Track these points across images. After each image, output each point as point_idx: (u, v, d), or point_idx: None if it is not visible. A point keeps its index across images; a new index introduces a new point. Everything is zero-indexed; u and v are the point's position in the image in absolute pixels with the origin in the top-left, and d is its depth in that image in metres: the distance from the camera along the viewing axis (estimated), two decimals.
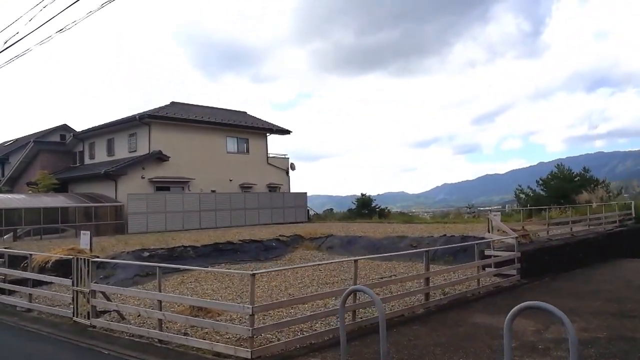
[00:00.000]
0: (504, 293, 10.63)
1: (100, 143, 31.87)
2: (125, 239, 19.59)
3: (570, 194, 29.49)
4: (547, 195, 31.34)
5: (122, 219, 25.63)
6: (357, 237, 17.40)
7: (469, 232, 17.52)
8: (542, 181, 33.62)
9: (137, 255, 13.72)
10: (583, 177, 32.38)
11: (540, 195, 32.37)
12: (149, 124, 28.11)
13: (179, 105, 32.52)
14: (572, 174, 32.99)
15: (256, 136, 33.67)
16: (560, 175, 32.98)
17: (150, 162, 27.90)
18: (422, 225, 24.18)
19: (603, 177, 36.19)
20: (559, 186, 31.19)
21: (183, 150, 29.10)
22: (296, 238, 18.27)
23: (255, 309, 6.18)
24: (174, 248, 14.82)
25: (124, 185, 26.60)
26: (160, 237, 20.12)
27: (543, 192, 32.60)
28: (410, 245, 15.42)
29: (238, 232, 21.78)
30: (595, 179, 33.41)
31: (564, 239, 15.29)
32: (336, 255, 16.19)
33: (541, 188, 33.31)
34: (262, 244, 16.73)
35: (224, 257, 15.11)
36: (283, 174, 34.99)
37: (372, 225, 25.35)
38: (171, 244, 16.47)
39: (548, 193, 31.73)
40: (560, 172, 33.33)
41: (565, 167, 33.95)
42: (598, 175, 34.82)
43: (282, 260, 15.68)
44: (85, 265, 8.80)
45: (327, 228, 22.28)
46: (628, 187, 75.70)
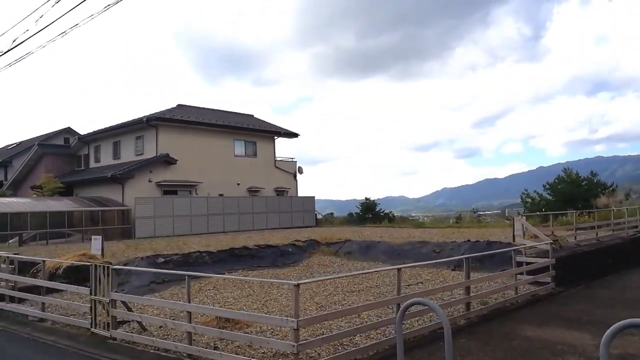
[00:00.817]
0: (543, 302, 10.07)
1: (106, 146, 31.35)
2: (135, 244, 19.04)
3: (578, 198, 29.06)
4: (555, 200, 30.87)
5: (129, 224, 25.09)
6: (376, 242, 16.83)
7: (489, 236, 16.99)
8: (549, 185, 33.13)
9: (151, 262, 13.17)
10: (590, 181, 31.90)
11: (547, 199, 31.87)
12: (156, 126, 27.60)
13: (185, 108, 32.04)
14: (579, 177, 32.49)
15: (264, 139, 33.15)
16: (567, 179, 32.49)
17: (158, 165, 27.38)
18: (435, 230, 23.63)
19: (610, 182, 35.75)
20: (566, 190, 30.70)
21: (190, 153, 28.59)
22: (312, 243, 17.71)
23: (300, 322, 5.63)
24: (189, 254, 14.26)
25: (131, 189, 26.07)
26: (170, 242, 19.58)
27: (550, 196, 32.11)
28: (433, 251, 14.86)
29: (249, 237, 21.23)
30: (602, 182, 32.94)
31: (592, 245, 14.75)
32: (355, 261, 15.63)
33: (548, 192, 32.82)
34: (278, 250, 16.17)
35: (240, 263, 14.54)
36: (290, 178, 34.46)
37: (384, 230, 24.80)
38: (184, 249, 15.92)
39: (555, 197, 31.24)
40: (568, 176, 32.82)
41: (572, 171, 33.45)
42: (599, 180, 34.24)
43: (300, 267, 15.12)
44: (104, 273, 8.26)
45: (340, 233, 21.72)
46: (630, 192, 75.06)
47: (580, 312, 8.94)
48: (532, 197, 33.32)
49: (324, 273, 14.06)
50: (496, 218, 40.93)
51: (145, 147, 28.36)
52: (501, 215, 56.98)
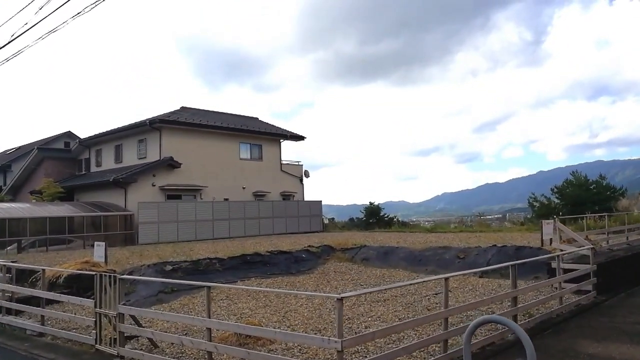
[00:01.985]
0: (590, 313, 9.20)
1: (107, 149, 30.52)
2: (139, 251, 18.17)
3: (587, 201, 28.34)
4: (564, 203, 30.11)
5: (132, 229, 24.21)
6: (394, 248, 15.93)
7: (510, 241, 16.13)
8: (556, 189, 32.34)
9: (159, 269, 12.30)
10: (599, 184, 31.09)
11: (555, 203, 31.07)
12: (160, 129, 26.78)
13: (189, 110, 31.23)
14: (587, 181, 31.68)
15: (269, 142, 32.32)
16: (575, 183, 31.68)
17: (161, 169, 26.53)
18: (450, 234, 22.77)
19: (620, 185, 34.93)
20: (575, 194, 29.90)
21: (195, 156, 27.75)
22: (326, 249, 16.80)
23: (345, 343, 4.78)
24: (198, 261, 13.37)
25: (134, 194, 25.22)
26: (176, 248, 18.71)
27: (558, 200, 31.33)
28: (457, 257, 13.99)
29: (257, 243, 20.37)
30: (612, 186, 32.13)
31: (627, 249, 13.89)
32: (373, 268, 14.73)
33: (556, 196, 32.02)
34: (291, 256, 15.27)
35: (253, 271, 13.65)
36: (297, 182, 33.60)
37: (396, 235, 23.93)
38: (191, 256, 15.03)
39: (564, 201, 30.47)
40: (576, 180, 32.00)
41: (580, 174, 32.64)
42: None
43: (316, 274, 14.23)
44: (110, 283, 7.41)
45: (352, 238, 20.82)
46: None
47: (638, 325, 8.08)
48: (539, 201, 32.50)
49: (342, 281, 13.19)
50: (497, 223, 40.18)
51: (149, 151, 27.53)
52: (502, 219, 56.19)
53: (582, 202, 28.24)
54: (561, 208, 29.36)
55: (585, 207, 27.37)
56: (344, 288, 12.12)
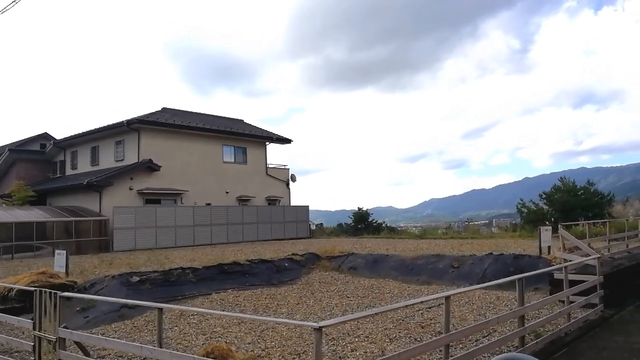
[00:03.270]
0: (601, 330, 8.25)
1: (83, 152, 29.18)
2: (111, 259, 16.97)
3: (576, 207, 27.78)
4: (552, 209, 29.53)
5: (106, 235, 22.90)
6: (384, 256, 14.90)
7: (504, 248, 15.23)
8: (545, 195, 31.76)
9: (124, 281, 11.14)
10: (587, 190, 30.55)
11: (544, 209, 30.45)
12: (138, 130, 25.54)
13: (171, 112, 30.00)
14: (576, 187, 31.13)
15: (255, 145, 31.19)
16: (564, 189, 31.11)
17: (140, 172, 25.28)
18: (441, 241, 21.85)
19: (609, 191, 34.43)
20: (564, 200, 29.34)
21: (176, 159, 26.56)
22: (311, 257, 15.71)
23: None
24: (169, 271, 12.19)
25: (110, 198, 23.93)
26: (151, 256, 17.53)
27: (546, 206, 30.73)
28: (451, 266, 13.00)
29: (239, 250, 19.25)
30: (600, 192, 31.59)
31: (628, 257, 13.02)
32: (362, 278, 13.68)
33: (544, 202, 31.41)
34: (273, 265, 14.15)
35: (230, 282, 12.51)
36: (283, 186, 32.49)
37: (385, 241, 22.95)
38: (165, 265, 13.88)
39: (552, 207, 29.89)
40: (565, 186, 31.42)
41: (569, 180, 32.08)
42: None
43: (299, 285, 13.14)
44: (51, 301, 6.28)
45: (340, 245, 19.81)
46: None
47: None
48: (527, 207, 31.85)
49: (327, 292, 12.13)
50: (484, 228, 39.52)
51: (126, 153, 26.27)
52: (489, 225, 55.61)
53: (571, 208, 27.76)
54: (553, 214, 28.77)
55: (574, 213, 26.84)
56: (329, 301, 11.07)
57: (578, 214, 26.16)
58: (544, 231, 12.86)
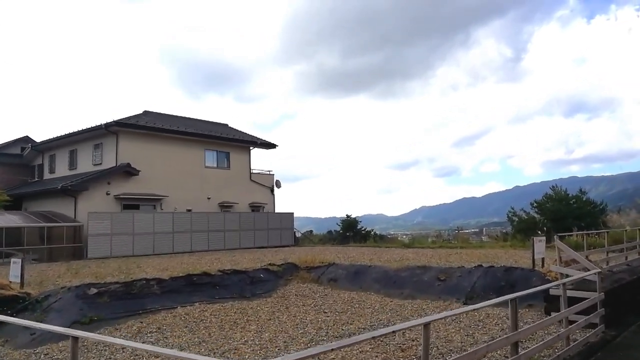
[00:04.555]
0: (603, 355, 7.40)
1: (61, 155, 28.13)
2: (78, 267, 15.95)
3: (568, 216, 27.15)
4: (543, 218, 28.88)
5: (80, 242, 21.86)
6: (366, 267, 14.01)
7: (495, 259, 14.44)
8: (536, 203, 31.12)
9: (80, 293, 10.17)
10: (579, 199, 29.93)
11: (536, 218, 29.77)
12: (117, 133, 24.57)
13: (152, 115, 29.07)
14: (567, 196, 30.51)
15: (238, 150, 30.28)
16: (556, 198, 30.47)
17: (117, 176, 24.29)
18: (429, 251, 21.03)
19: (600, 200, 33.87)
20: (555, 209, 28.69)
21: (156, 163, 25.59)
22: (289, 267, 14.77)
23: None
24: (132, 282, 11.22)
25: (85, 203, 22.89)
26: (122, 265, 16.54)
27: (537, 215, 30.06)
28: (437, 279, 12.15)
29: (217, 259, 18.30)
30: (592, 201, 30.99)
31: (628, 271, 12.24)
32: (342, 291, 12.78)
33: (535, 211, 30.74)
34: (247, 276, 13.20)
35: (199, 294, 11.56)
36: (267, 192, 31.57)
37: (371, 250, 22.10)
38: (133, 275, 12.92)
39: (544, 216, 29.24)
40: (556, 195, 30.78)
41: (561, 189, 31.45)
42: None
43: (274, 298, 12.22)
44: None
45: (322, 254, 18.91)
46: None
47: None
48: (518, 216, 31.17)
49: (303, 307, 11.23)
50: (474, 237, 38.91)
51: (104, 156, 25.27)
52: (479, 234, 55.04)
53: (563, 217, 27.13)
54: (545, 223, 28.08)
55: (566, 222, 26.20)
56: (304, 317, 10.17)
57: (570, 223, 25.50)
58: (537, 242, 12.04)
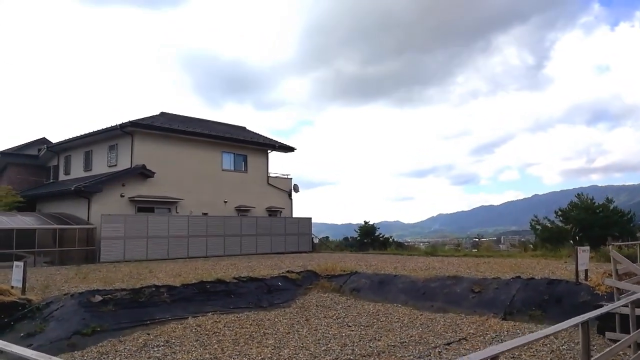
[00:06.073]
0: None
1: (76, 156, 27.72)
2: (88, 271, 15.28)
3: (594, 225, 25.83)
4: (575, 228, 27.53)
5: (93, 245, 21.27)
6: (392, 276, 13.04)
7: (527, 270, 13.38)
8: (560, 212, 29.79)
9: (83, 300, 9.41)
10: (606, 207, 28.53)
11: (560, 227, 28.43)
12: (132, 134, 24.03)
13: (169, 116, 28.52)
14: (594, 204, 29.12)
15: (256, 153, 29.57)
16: (582, 206, 29.10)
17: (132, 178, 23.72)
18: (453, 259, 19.98)
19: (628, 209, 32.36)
20: (581, 217, 27.36)
21: (171, 166, 24.99)
22: (309, 275, 13.87)
23: None
24: (141, 289, 10.42)
25: (99, 205, 22.34)
26: (134, 269, 15.86)
27: (562, 224, 28.72)
28: (470, 290, 11.15)
29: (233, 264, 17.50)
30: (620, 210, 29.54)
31: None
32: (366, 302, 11.84)
33: (560, 219, 29.40)
34: (264, 284, 12.35)
35: (212, 303, 10.72)
36: (285, 197, 30.76)
37: (393, 258, 21.09)
38: (144, 280, 12.17)
39: (568, 224, 27.89)
40: (582, 203, 29.40)
41: (587, 197, 30.05)
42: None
43: (293, 308, 11.33)
44: None
45: (342, 261, 18.02)
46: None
47: None
48: (542, 224, 29.85)
49: (325, 319, 10.33)
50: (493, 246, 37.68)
51: (119, 158, 24.75)
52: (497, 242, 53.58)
53: (590, 226, 25.85)
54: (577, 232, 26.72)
55: (592, 231, 24.99)
56: (326, 330, 9.26)
57: (597, 233, 24.29)
58: (581, 252, 11.00)
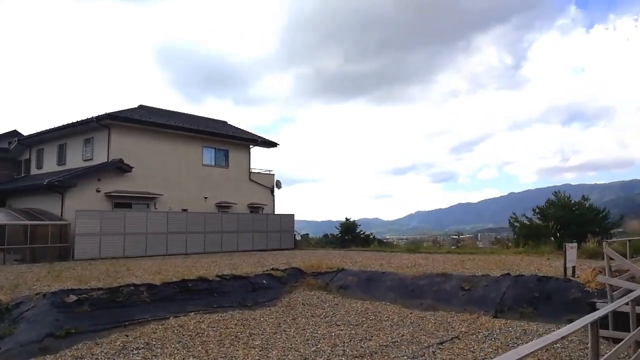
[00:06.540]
0: None
1: (49, 150, 26.76)
2: (62, 269, 14.62)
3: (571, 223, 26.13)
4: (545, 224, 27.84)
5: (67, 242, 20.48)
6: (379, 273, 12.74)
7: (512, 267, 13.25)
8: (538, 209, 30.09)
9: (57, 300, 8.85)
10: (582, 206, 28.90)
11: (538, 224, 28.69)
12: (109, 127, 23.25)
13: (148, 109, 27.72)
14: (570, 202, 29.46)
15: (238, 148, 28.99)
16: (559, 203, 29.42)
17: (109, 172, 22.94)
18: (437, 255, 19.83)
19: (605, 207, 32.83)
20: (558, 215, 27.64)
21: (150, 160, 24.28)
22: (294, 273, 13.48)
23: None
24: (118, 288, 9.91)
25: (74, 200, 21.54)
26: (111, 267, 15.24)
27: (539, 221, 29.00)
28: (460, 288, 10.91)
29: (214, 262, 16.99)
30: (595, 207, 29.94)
31: None
32: (354, 300, 11.52)
33: (537, 217, 29.67)
34: (248, 282, 11.91)
35: (195, 303, 10.25)
36: (267, 193, 30.27)
37: (376, 255, 20.83)
38: (121, 279, 11.63)
39: (545, 222, 28.17)
40: (559, 201, 29.72)
41: (564, 194, 30.40)
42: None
43: (278, 307, 10.94)
44: None
45: (326, 258, 17.68)
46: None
47: None
48: (520, 222, 30.08)
49: (312, 318, 9.96)
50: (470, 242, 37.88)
51: (95, 152, 23.94)
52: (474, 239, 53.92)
53: (567, 224, 26.14)
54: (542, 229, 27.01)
55: (569, 228, 25.24)
56: (315, 330, 8.90)
57: (574, 230, 24.59)
58: (569, 249, 10.87)
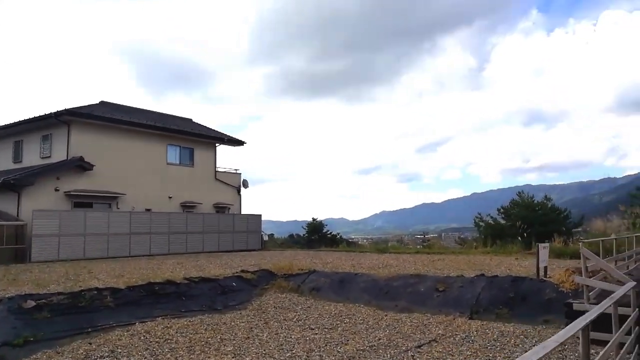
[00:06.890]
0: None
1: (4, 147, 25.48)
2: (18, 272, 13.84)
3: (534, 222, 26.82)
4: (509, 224, 28.49)
5: (23, 243, 19.49)
6: (352, 275, 12.54)
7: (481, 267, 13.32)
8: (502, 209, 30.76)
9: (13, 307, 8.25)
10: (544, 205, 29.70)
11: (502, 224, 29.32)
12: (69, 123, 22.28)
13: (110, 106, 26.76)
14: (533, 202, 30.24)
15: (203, 146, 28.34)
16: (522, 204, 30.14)
17: (68, 171, 21.98)
18: (406, 256, 19.86)
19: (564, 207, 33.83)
20: (522, 215, 28.32)
21: (112, 158, 23.40)
22: (264, 275, 13.12)
23: None
24: (80, 292, 9.36)
25: (31, 200, 20.52)
26: (71, 270, 14.53)
27: (504, 221, 29.64)
28: (435, 289, 10.82)
29: (179, 263, 16.45)
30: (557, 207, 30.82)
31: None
32: (327, 302, 11.26)
33: (501, 216, 30.32)
34: (217, 284, 11.50)
35: (162, 307, 9.78)
36: (234, 192, 29.71)
37: (346, 255, 20.70)
38: (82, 282, 11.04)
39: (510, 222, 28.82)
40: (523, 201, 30.46)
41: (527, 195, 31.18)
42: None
43: (249, 310, 10.58)
44: None
45: (295, 259, 17.41)
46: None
47: None
48: (485, 222, 30.63)
49: (285, 322, 9.66)
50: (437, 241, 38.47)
51: (54, 149, 22.90)
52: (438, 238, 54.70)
53: (530, 224, 26.76)
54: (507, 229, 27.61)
55: (533, 228, 25.84)
56: (288, 334, 8.61)
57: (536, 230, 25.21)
58: (542, 249, 10.95)
